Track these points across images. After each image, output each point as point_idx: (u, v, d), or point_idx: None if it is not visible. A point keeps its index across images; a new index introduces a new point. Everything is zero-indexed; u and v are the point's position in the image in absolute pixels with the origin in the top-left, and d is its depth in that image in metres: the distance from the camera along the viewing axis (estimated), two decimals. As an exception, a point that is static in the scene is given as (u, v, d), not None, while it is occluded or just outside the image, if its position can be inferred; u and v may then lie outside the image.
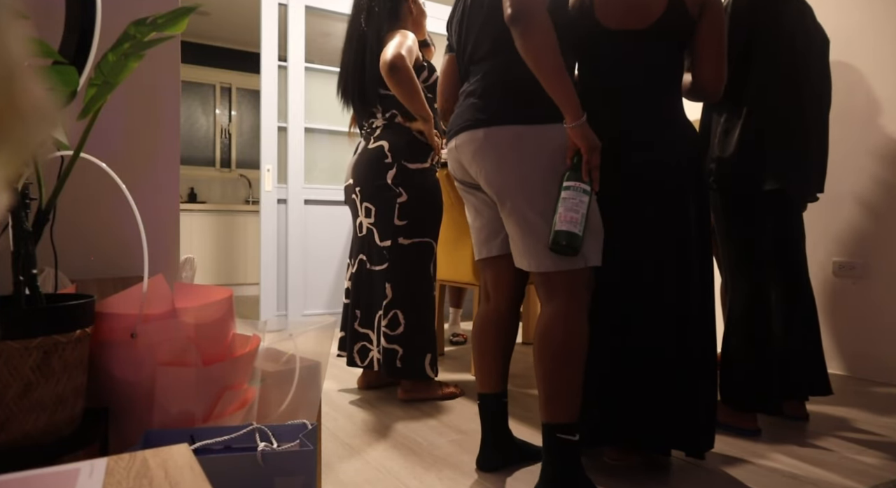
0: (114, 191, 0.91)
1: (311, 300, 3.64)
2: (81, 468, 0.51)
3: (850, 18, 2.61)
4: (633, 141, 1.46)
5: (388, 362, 2.09)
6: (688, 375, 1.45)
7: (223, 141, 6.00)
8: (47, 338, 0.74)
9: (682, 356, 1.45)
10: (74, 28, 1.08)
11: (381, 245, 2.14)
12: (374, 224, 2.15)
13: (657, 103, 1.50)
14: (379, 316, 2.15)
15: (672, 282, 1.45)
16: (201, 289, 1.01)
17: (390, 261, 2.12)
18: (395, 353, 2.08)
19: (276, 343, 1.11)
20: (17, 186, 0.80)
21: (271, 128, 3.52)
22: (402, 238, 2.11)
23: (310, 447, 0.85)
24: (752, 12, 1.78)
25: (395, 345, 2.09)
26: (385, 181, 2.10)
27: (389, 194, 2.11)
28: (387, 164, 2.10)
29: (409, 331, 2.09)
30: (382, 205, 2.12)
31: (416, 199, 2.11)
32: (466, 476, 1.50)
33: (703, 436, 1.48)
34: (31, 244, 0.80)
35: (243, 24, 5.37)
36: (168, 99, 1.33)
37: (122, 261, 1.25)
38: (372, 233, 2.16)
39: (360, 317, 2.23)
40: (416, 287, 2.12)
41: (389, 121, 2.16)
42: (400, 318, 2.10)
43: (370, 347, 2.20)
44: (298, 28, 3.57)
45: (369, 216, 2.16)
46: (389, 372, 2.10)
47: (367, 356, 2.21)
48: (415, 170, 2.12)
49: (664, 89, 1.51)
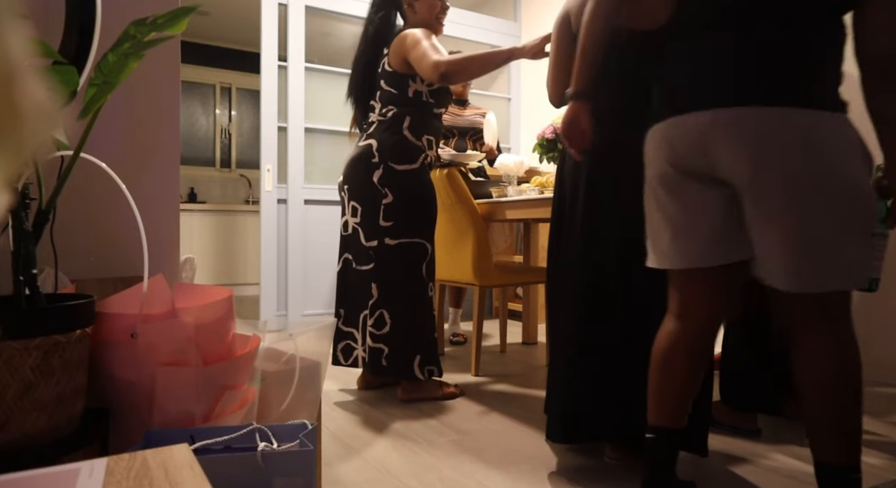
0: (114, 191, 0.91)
1: (311, 300, 3.64)
2: (81, 468, 0.51)
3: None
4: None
5: (374, 361, 2.09)
6: None
7: (223, 141, 6.00)
8: (47, 338, 0.75)
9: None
10: (74, 28, 1.08)
11: (366, 245, 2.12)
12: (360, 224, 2.14)
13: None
14: (364, 315, 2.14)
15: (648, 279, 1.43)
16: (201, 289, 1.01)
17: (376, 261, 2.11)
18: (381, 352, 2.08)
19: (276, 343, 1.11)
20: (17, 186, 0.80)
21: (271, 129, 3.52)
22: (388, 238, 2.09)
23: (310, 447, 0.85)
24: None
25: (381, 344, 2.08)
26: (371, 180, 2.09)
27: (375, 195, 2.09)
28: (373, 164, 2.09)
29: (395, 330, 2.08)
30: (368, 205, 2.10)
31: (402, 201, 2.09)
32: (466, 476, 1.50)
33: (696, 433, 1.48)
34: (31, 244, 0.80)
35: (243, 24, 5.37)
36: (168, 99, 1.33)
37: (122, 261, 1.25)
38: (357, 233, 2.15)
39: (344, 316, 2.22)
40: (404, 287, 2.11)
41: (384, 115, 2.15)
42: (386, 318, 2.09)
43: (354, 346, 2.19)
44: (298, 28, 3.57)
45: (355, 215, 2.15)
46: (374, 370, 2.10)
47: (350, 354, 2.20)
48: (402, 171, 2.09)
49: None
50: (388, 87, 2.14)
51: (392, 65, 2.13)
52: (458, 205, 2.59)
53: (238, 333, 1.01)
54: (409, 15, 2.20)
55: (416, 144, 2.13)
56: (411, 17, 2.20)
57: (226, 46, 5.97)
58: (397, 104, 2.13)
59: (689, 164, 1.19)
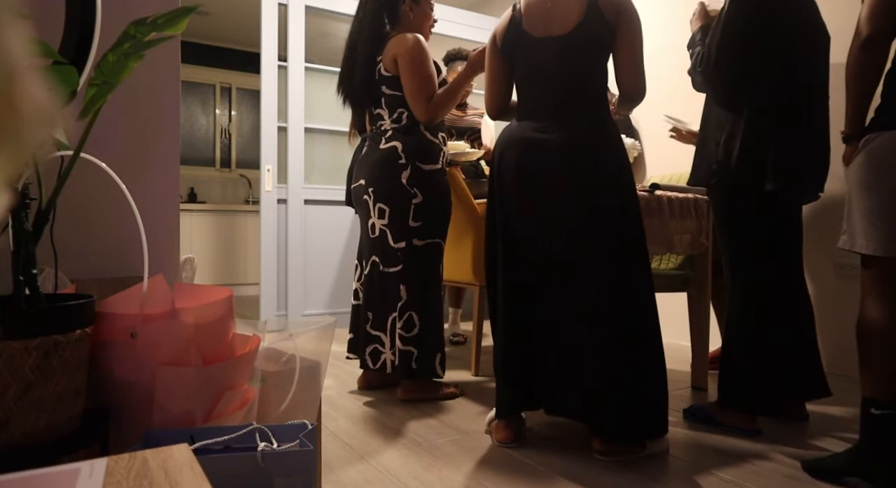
0: (114, 191, 0.91)
1: (311, 300, 3.64)
2: (81, 468, 0.51)
3: (853, 17, 2.60)
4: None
5: (405, 364, 2.08)
6: (618, 359, 1.55)
7: (223, 141, 6.00)
8: (47, 338, 0.74)
9: (611, 340, 1.56)
10: (74, 28, 1.08)
11: (395, 246, 2.12)
12: (388, 225, 2.13)
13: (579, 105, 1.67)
14: (393, 318, 2.13)
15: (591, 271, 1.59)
16: (201, 289, 1.00)
17: (405, 262, 2.11)
18: (411, 355, 2.08)
19: (276, 343, 1.11)
20: (17, 186, 0.80)
21: (271, 128, 3.52)
22: (416, 239, 2.11)
23: (310, 447, 0.84)
24: (752, 10, 1.78)
25: (411, 347, 2.08)
26: (400, 181, 2.09)
27: (405, 195, 2.10)
28: (401, 165, 2.10)
29: (424, 332, 2.09)
30: (397, 205, 2.11)
31: (430, 200, 2.12)
32: (466, 476, 1.50)
33: (651, 419, 1.57)
34: (31, 244, 0.80)
35: (243, 24, 5.37)
36: (168, 99, 1.33)
37: (122, 261, 1.25)
38: (385, 235, 2.14)
39: (373, 319, 2.19)
40: (429, 288, 2.12)
41: (397, 121, 2.15)
42: (415, 320, 2.09)
43: (382, 350, 2.17)
44: (298, 28, 3.57)
45: (383, 217, 2.14)
46: (405, 373, 2.10)
47: (379, 358, 2.18)
48: (428, 170, 2.12)
49: (588, 93, 1.68)
50: (392, 90, 2.14)
51: (390, 70, 2.13)
52: (458, 206, 2.59)
53: (238, 333, 1.01)
54: (405, 18, 2.20)
55: (435, 142, 2.17)
56: (406, 20, 2.20)
57: (226, 46, 5.98)
58: (407, 106, 2.14)
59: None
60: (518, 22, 1.73)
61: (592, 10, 1.63)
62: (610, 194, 1.63)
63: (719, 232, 1.94)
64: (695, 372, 2.40)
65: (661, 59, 3.42)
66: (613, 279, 1.59)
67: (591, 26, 1.63)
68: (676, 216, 2.22)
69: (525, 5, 1.74)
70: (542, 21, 1.69)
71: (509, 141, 1.73)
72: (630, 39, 1.65)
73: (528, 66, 1.73)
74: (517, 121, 1.76)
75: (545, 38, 1.68)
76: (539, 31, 1.69)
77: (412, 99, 2.09)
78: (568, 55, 1.66)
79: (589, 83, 1.68)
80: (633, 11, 1.66)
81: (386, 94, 2.16)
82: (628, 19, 1.64)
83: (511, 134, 1.74)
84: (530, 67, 1.73)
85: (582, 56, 1.66)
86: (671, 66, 3.34)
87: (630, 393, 1.55)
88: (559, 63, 1.67)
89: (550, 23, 1.68)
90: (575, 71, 1.67)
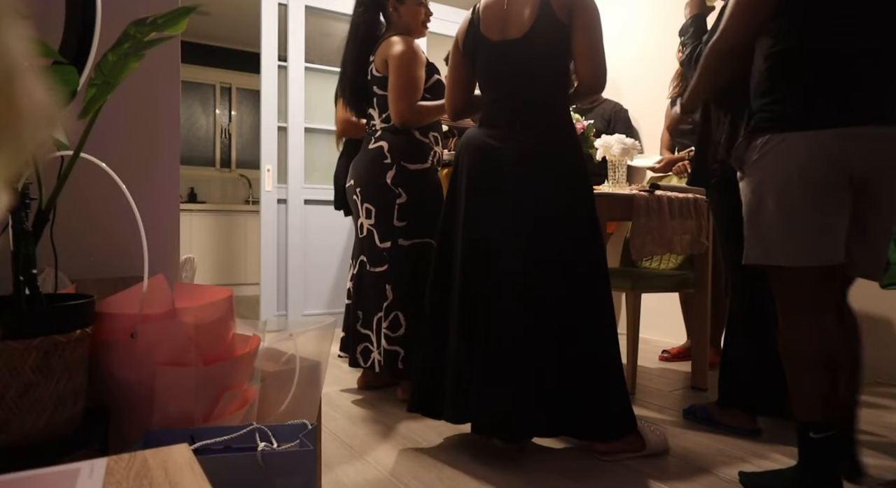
0: (114, 191, 0.91)
1: (311, 300, 3.64)
2: (81, 468, 0.51)
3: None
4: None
5: (390, 364, 2.09)
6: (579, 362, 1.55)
7: (223, 141, 6.00)
8: (47, 338, 0.74)
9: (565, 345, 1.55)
10: (74, 28, 1.08)
11: (380, 246, 2.13)
12: (374, 225, 2.14)
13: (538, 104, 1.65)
14: (379, 318, 2.14)
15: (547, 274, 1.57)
16: (201, 289, 1.01)
17: (390, 262, 2.11)
18: (397, 355, 2.08)
19: (276, 343, 1.11)
20: (17, 186, 0.80)
21: (271, 129, 3.52)
22: (401, 239, 2.11)
23: (310, 447, 0.85)
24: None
25: (397, 347, 2.08)
26: (385, 181, 2.10)
27: (389, 195, 2.10)
28: (386, 165, 2.10)
29: (410, 332, 2.08)
30: (382, 206, 2.11)
31: (415, 200, 2.11)
32: (466, 476, 1.50)
33: (608, 424, 1.56)
34: (31, 244, 0.80)
35: (243, 24, 5.36)
36: (168, 99, 1.33)
37: (122, 261, 1.25)
38: (372, 235, 2.15)
39: (362, 319, 2.22)
40: (417, 288, 2.12)
41: (387, 121, 2.16)
42: (401, 320, 2.09)
43: (371, 348, 2.20)
44: (298, 28, 3.57)
45: (369, 217, 2.16)
46: (391, 373, 2.10)
47: (369, 357, 2.20)
48: (414, 170, 2.11)
49: (545, 101, 1.65)
50: (382, 91, 2.14)
51: (381, 70, 2.13)
52: (458, 205, 2.59)
53: (238, 333, 1.01)
54: (394, 19, 2.19)
55: (425, 142, 2.15)
56: (396, 20, 2.19)
57: (226, 46, 5.97)
58: None
59: (838, 176, 1.36)
60: (476, 25, 1.70)
61: (544, 10, 1.59)
62: (562, 205, 1.59)
63: (719, 232, 1.94)
64: (695, 372, 2.40)
65: (661, 58, 3.42)
66: (563, 291, 1.56)
67: (543, 27, 1.59)
68: (676, 216, 2.23)
69: (483, 7, 1.70)
70: (499, 24, 1.65)
71: (466, 146, 1.71)
72: (585, 29, 1.59)
73: (486, 70, 1.70)
74: (478, 125, 1.73)
75: (502, 41, 1.65)
76: (495, 34, 1.66)
77: (390, 99, 2.08)
78: (524, 59, 1.63)
79: (546, 89, 1.65)
80: (587, 2, 1.60)
81: (377, 94, 2.16)
82: (584, 11, 1.59)
83: (468, 139, 1.71)
84: (487, 71, 1.70)
85: (538, 60, 1.62)
86: (671, 67, 3.34)
87: (587, 402, 1.54)
88: (515, 68, 1.64)
89: (506, 25, 1.64)
90: (532, 76, 1.63)
